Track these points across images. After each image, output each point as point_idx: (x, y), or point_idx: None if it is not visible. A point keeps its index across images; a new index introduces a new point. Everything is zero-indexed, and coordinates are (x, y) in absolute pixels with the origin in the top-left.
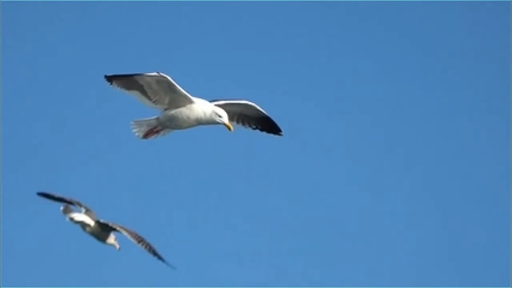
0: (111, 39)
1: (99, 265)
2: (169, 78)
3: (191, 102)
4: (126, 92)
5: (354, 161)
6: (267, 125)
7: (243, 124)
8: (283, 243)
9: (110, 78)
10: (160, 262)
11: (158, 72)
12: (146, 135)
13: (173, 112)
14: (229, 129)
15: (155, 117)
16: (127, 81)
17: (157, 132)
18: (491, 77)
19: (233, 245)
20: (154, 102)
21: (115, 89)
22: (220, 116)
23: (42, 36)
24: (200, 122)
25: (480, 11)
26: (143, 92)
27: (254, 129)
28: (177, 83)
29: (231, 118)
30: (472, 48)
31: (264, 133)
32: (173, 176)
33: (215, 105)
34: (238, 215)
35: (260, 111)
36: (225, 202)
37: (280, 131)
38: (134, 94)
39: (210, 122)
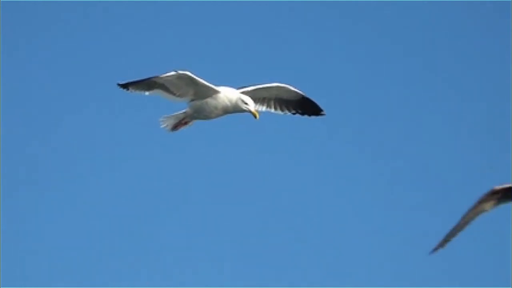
0: (112, 39)
1: (99, 265)
2: (189, 73)
3: (216, 92)
4: (147, 93)
5: (352, 162)
6: (307, 106)
7: (282, 110)
8: (282, 242)
9: (125, 86)
10: None
11: (176, 71)
12: (175, 127)
13: (199, 103)
14: (255, 116)
15: (182, 111)
16: (145, 84)
17: (186, 123)
18: (491, 77)
19: (233, 245)
20: (179, 96)
21: (133, 94)
22: (246, 104)
23: (42, 36)
24: (227, 111)
25: (480, 11)
26: (166, 90)
27: (293, 114)
28: (198, 77)
29: (267, 105)
30: (472, 48)
31: (306, 117)
32: (173, 176)
33: (243, 92)
34: (237, 216)
35: (295, 91)
36: (224, 202)
37: (322, 110)
38: (157, 93)
39: (236, 109)
